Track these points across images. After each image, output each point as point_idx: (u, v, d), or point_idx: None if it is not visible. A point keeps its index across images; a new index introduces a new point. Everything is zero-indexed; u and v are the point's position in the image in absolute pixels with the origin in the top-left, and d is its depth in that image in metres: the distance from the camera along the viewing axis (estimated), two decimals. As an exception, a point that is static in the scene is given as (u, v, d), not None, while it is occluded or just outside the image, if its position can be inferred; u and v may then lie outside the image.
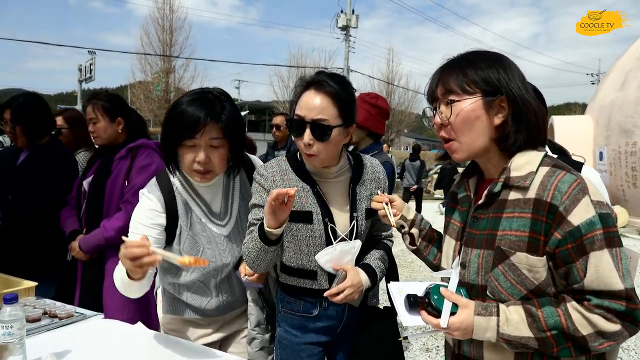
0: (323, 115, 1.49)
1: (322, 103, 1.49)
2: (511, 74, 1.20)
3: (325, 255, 1.57)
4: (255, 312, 1.81)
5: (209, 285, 1.78)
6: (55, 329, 1.76)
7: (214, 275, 1.77)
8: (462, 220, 1.34)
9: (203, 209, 1.76)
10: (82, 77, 22.92)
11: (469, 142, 1.22)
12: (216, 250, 1.75)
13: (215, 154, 1.62)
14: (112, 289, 2.36)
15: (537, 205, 1.12)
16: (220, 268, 1.76)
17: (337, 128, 1.51)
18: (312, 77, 1.55)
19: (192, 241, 1.72)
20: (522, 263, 1.13)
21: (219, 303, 1.80)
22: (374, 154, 2.76)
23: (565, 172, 1.13)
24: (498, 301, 1.17)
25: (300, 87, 1.56)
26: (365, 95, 2.93)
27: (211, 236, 1.75)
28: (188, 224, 1.72)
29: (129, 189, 2.41)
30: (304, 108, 1.51)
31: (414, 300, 1.19)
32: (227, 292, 1.81)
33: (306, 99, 1.52)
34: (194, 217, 1.74)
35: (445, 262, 1.39)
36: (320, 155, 1.53)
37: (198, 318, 1.83)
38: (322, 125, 1.49)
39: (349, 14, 24.70)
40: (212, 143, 1.60)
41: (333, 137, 1.51)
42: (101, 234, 2.36)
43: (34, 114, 2.74)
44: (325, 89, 1.50)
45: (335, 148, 1.56)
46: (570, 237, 1.08)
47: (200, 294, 1.78)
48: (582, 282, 1.08)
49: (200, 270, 1.73)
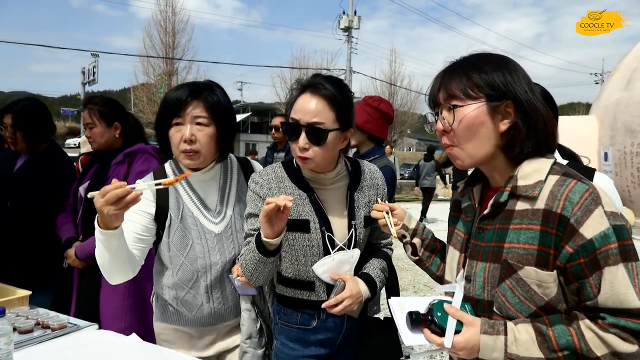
0: (319, 119, 1.44)
1: (318, 106, 1.45)
2: (517, 77, 1.14)
3: (323, 266, 1.52)
4: (247, 323, 1.74)
5: (199, 290, 1.73)
6: (47, 341, 1.71)
7: (202, 275, 1.71)
8: (467, 231, 1.28)
9: (196, 202, 1.74)
10: (85, 80, 23.00)
11: (473, 149, 1.16)
12: (205, 247, 1.71)
13: (200, 133, 1.63)
14: (109, 296, 2.33)
15: (547, 216, 1.06)
16: (208, 266, 1.71)
17: (333, 132, 1.47)
18: (308, 79, 1.51)
19: (181, 234, 1.70)
20: (531, 278, 1.07)
21: (210, 310, 1.74)
22: (374, 158, 2.71)
23: (576, 180, 1.07)
24: (505, 318, 1.11)
25: (296, 90, 1.52)
26: (369, 98, 2.88)
27: (202, 232, 1.72)
28: (179, 216, 1.70)
29: None
30: (299, 111, 1.47)
31: (416, 317, 1.13)
32: (218, 298, 1.75)
33: (302, 102, 1.47)
34: (185, 210, 1.72)
35: (449, 274, 1.33)
36: (315, 159, 1.48)
37: (189, 329, 1.77)
38: (318, 129, 1.44)
39: (351, 15, 24.67)
40: (197, 121, 1.63)
41: (329, 141, 1.46)
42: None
43: (35, 119, 2.71)
44: (321, 92, 1.45)
45: (331, 153, 1.51)
46: (583, 251, 1.01)
47: (189, 301, 1.73)
48: (595, 299, 1.01)
49: (188, 268, 1.70)
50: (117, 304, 2.30)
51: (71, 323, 1.86)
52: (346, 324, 1.63)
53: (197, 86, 1.68)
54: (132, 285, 2.35)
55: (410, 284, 5.87)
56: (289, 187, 1.57)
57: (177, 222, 1.70)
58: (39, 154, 2.73)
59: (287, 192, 1.56)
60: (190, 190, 1.75)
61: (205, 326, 1.78)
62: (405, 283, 5.95)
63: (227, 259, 1.74)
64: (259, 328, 1.76)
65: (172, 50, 22.21)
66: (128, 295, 2.32)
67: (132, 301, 2.33)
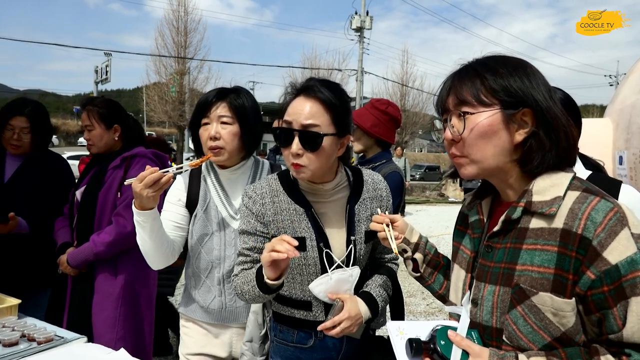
0: (313, 121, 1.34)
1: (313, 109, 1.35)
2: (535, 82, 1.02)
3: (319, 285, 1.41)
4: (251, 326, 1.67)
5: (213, 281, 1.81)
6: (31, 355, 1.64)
7: (216, 266, 1.79)
8: (474, 249, 1.16)
9: (221, 196, 1.83)
10: (98, 79, 23.08)
11: (484, 161, 1.05)
12: (222, 240, 1.80)
13: (224, 131, 1.74)
14: (101, 305, 2.25)
15: (566, 237, 0.94)
16: (222, 258, 1.79)
17: (329, 137, 1.36)
18: (302, 83, 1.41)
19: (203, 223, 1.80)
20: (546, 305, 0.95)
21: (222, 304, 1.80)
22: (381, 163, 2.60)
23: (599, 198, 0.95)
24: (516, 349, 1.00)
25: (289, 94, 1.42)
26: (376, 101, 2.76)
27: (222, 225, 1.80)
28: (204, 207, 1.81)
29: (122, 201, 2.29)
30: (292, 114, 1.37)
31: (417, 345, 1.02)
32: (230, 294, 1.80)
33: (295, 105, 1.37)
34: (211, 202, 1.82)
35: (454, 295, 1.22)
36: (310, 166, 1.36)
37: (204, 323, 1.85)
38: (312, 133, 1.34)
39: (363, 15, 24.50)
40: (222, 120, 1.75)
41: (324, 146, 1.35)
42: (90, 248, 2.23)
43: (48, 122, 2.69)
44: (315, 94, 1.36)
45: (327, 160, 1.40)
46: (607, 278, 0.90)
47: (205, 291, 1.82)
48: (620, 332, 0.90)
49: (205, 257, 1.81)
50: (109, 313, 2.23)
51: (58, 336, 1.79)
52: (345, 345, 1.52)
53: (224, 90, 1.82)
54: (126, 292, 2.28)
55: (418, 290, 5.73)
56: (284, 202, 1.47)
57: (201, 212, 1.80)
58: (39, 158, 2.66)
59: (282, 207, 1.46)
60: (218, 185, 1.85)
61: (218, 322, 1.83)
62: (414, 289, 5.82)
63: None
64: (262, 334, 1.67)
65: (184, 50, 22.15)
66: (121, 304, 2.25)
67: (125, 310, 2.26)
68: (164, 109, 22.06)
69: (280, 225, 1.44)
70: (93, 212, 2.32)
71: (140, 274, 2.35)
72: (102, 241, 2.21)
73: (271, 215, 1.45)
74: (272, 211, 1.45)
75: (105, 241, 2.20)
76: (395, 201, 2.08)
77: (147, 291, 2.41)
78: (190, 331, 1.88)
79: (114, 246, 2.22)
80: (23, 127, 2.53)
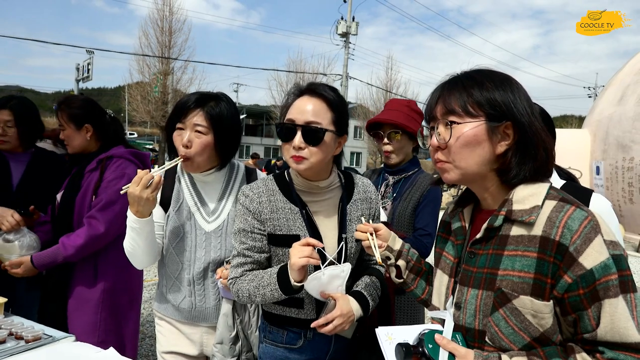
0: (316, 118, 1.42)
1: (316, 107, 1.44)
2: (519, 97, 1.09)
3: (312, 281, 1.46)
4: (221, 328, 1.73)
5: (183, 281, 1.81)
6: (19, 353, 1.64)
7: (186, 267, 1.79)
8: (456, 255, 1.22)
9: (195, 198, 1.82)
10: (79, 77, 22.69)
11: (467, 168, 1.11)
12: (193, 242, 1.79)
13: (197, 140, 1.71)
14: (79, 310, 2.20)
15: (544, 243, 1.00)
16: (192, 260, 1.79)
17: (330, 133, 1.44)
18: (306, 85, 1.50)
19: (175, 224, 1.79)
20: (526, 308, 1.01)
21: (191, 304, 1.81)
22: (414, 172, 2.30)
23: (574, 207, 1.02)
24: (498, 349, 1.05)
25: (293, 94, 1.49)
26: (408, 102, 2.37)
27: (193, 227, 1.80)
28: (176, 208, 1.80)
29: (96, 203, 2.21)
30: (295, 112, 1.44)
31: (406, 349, 1.06)
32: (200, 295, 1.81)
33: (299, 104, 1.45)
34: (184, 204, 1.81)
35: (437, 299, 1.27)
36: (310, 159, 1.43)
37: (174, 321, 1.87)
38: (315, 129, 1.41)
39: (349, 20, 24.72)
40: (196, 128, 1.71)
41: (325, 142, 1.43)
42: (59, 251, 2.15)
43: (35, 116, 2.61)
44: (320, 93, 1.45)
45: (326, 156, 1.47)
46: (583, 282, 0.96)
47: (175, 290, 1.83)
48: (594, 331, 0.96)
49: (175, 258, 1.81)
50: (89, 317, 2.20)
51: (46, 334, 1.79)
52: (334, 344, 1.57)
53: (204, 96, 1.76)
54: (107, 296, 2.25)
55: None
56: (280, 201, 1.52)
57: (173, 213, 1.79)
58: (40, 153, 2.64)
59: (277, 206, 1.51)
60: (192, 186, 1.84)
61: (188, 320, 1.84)
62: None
63: (212, 257, 1.79)
64: (233, 336, 1.74)
65: (168, 50, 22.00)
66: (102, 309, 2.22)
67: (106, 315, 2.23)
68: (146, 108, 21.86)
69: (276, 224, 1.49)
70: (71, 217, 2.26)
71: (121, 277, 2.30)
72: (72, 244, 2.14)
73: (268, 214, 1.49)
74: (268, 209, 1.49)
75: (77, 244, 2.13)
76: (434, 210, 2.15)
77: (129, 294, 2.37)
78: (164, 329, 1.91)
79: (84, 249, 2.15)
80: (7, 120, 2.47)
